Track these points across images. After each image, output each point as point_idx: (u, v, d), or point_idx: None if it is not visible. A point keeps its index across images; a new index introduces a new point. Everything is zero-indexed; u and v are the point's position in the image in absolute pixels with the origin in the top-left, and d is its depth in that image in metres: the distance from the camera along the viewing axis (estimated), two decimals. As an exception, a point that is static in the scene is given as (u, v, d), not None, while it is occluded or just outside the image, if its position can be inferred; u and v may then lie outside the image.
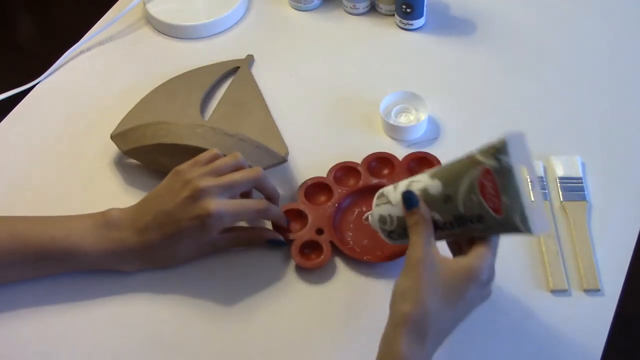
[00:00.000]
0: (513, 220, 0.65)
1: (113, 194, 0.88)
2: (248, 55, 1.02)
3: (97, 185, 0.89)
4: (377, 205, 0.74)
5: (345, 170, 0.88)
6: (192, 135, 0.83)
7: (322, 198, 0.86)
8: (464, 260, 0.67)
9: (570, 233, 0.83)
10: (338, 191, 0.85)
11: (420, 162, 0.88)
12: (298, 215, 0.84)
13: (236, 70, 1.01)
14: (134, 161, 0.90)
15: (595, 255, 0.81)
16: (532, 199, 0.66)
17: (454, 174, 0.68)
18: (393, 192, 0.73)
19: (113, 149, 0.90)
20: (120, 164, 0.91)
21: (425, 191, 0.70)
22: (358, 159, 0.88)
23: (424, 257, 0.66)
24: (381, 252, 0.81)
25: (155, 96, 0.95)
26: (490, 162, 0.66)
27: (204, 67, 1.01)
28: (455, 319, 0.68)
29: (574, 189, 0.86)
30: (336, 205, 0.84)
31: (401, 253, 0.79)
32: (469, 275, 0.66)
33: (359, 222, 0.83)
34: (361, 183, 0.86)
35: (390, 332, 0.66)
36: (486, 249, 0.68)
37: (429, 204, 0.69)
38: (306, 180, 0.86)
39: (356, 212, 0.84)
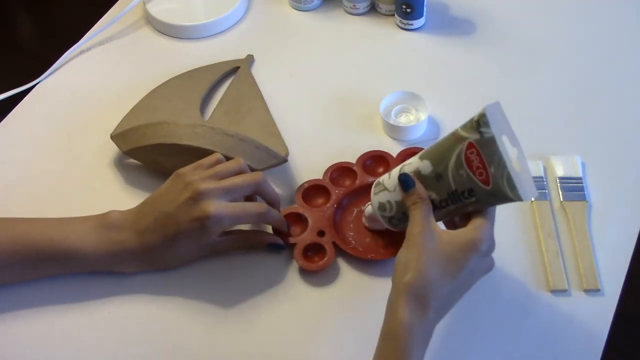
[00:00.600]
0: (502, 189, 0.68)
1: (113, 194, 0.88)
2: (248, 55, 1.02)
3: (97, 185, 0.89)
4: (375, 193, 0.76)
5: (341, 171, 0.88)
6: (192, 135, 0.83)
7: (320, 200, 0.86)
8: (463, 232, 0.69)
9: (570, 233, 0.83)
10: (335, 192, 0.85)
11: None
12: (298, 218, 0.84)
13: (236, 70, 1.01)
14: (134, 161, 0.90)
15: (595, 255, 0.81)
16: (517, 166, 0.68)
17: (441, 152, 0.71)
18: (388, 179, 0.75)
19: (113, 149, 0.90)
20: (120, 164, 0.91)
21: (417, 172, 0.72)
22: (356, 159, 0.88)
23: (423, 229, 0.69)
24: (384, 249, 0.81)
25: (155, 96, 0.95)
26: (472, 136, 0.68)
27: (204, 67, 1.00)
28: (458, 290, 0.69)
29: (574, 189, 0.86)
30: (335, 206, 0.84)
31: None
32: (469, 245, 0.68)
33: (359, 222, 0.83)
34: (357, 182, 0.86)
35: (392, 301, 0.67)
36: (484, 220, 0.69)
37: (423, 184, 0.71)
38: (303, 183, 0.86)
39: (355, 212, 0.84)
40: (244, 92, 0.97)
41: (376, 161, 0.88)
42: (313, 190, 0.86)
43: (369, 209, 0.80)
